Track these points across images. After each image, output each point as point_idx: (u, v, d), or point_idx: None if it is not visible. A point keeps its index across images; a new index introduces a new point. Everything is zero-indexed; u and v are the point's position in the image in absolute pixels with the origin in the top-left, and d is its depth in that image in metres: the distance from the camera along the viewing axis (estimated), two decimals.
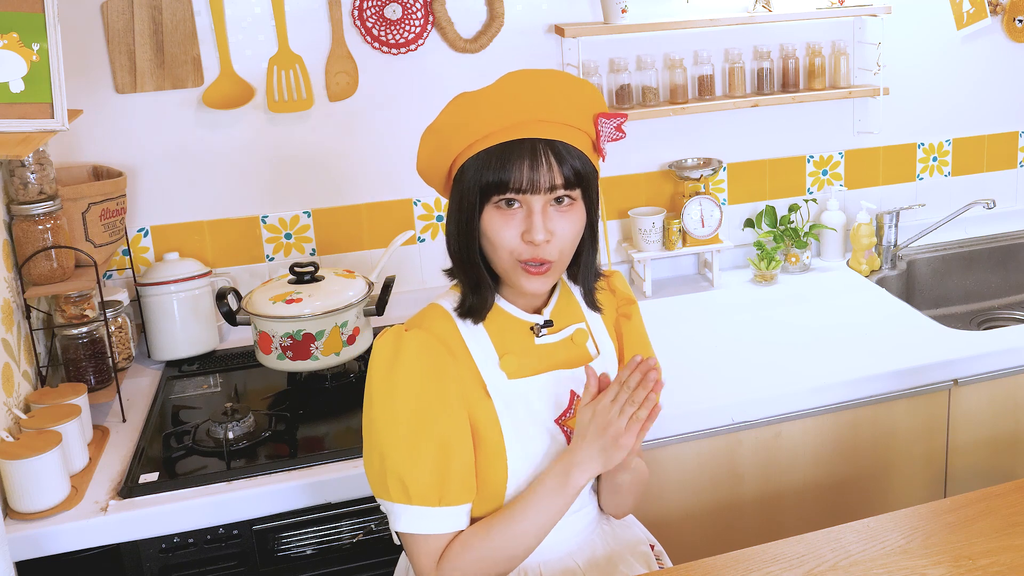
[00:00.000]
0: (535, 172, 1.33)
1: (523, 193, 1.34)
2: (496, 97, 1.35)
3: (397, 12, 2.33)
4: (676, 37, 2.52)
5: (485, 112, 1.35)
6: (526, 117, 1.34)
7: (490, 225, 1.36)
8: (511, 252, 1.36)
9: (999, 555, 1.40)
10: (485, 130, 1.35)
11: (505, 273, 1.40)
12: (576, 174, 1.36)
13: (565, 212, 1.37)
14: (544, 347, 1.47)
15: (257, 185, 2.35)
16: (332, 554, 1.79)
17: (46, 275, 1.89)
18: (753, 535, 1.98)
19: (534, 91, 1.36)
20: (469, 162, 1.36)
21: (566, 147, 1.35)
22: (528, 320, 1.46)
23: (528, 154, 1.33)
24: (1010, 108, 2.87)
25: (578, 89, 1.40)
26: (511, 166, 1.33)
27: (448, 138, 1.38)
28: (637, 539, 1.59)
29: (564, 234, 1.37)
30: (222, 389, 2.11)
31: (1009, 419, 2.17)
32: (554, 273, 1.40)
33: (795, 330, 2.28)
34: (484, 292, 1.41)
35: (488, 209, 1.36)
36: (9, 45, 1.62)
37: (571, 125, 1.38)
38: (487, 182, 1.34)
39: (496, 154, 1.34)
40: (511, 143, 1.34)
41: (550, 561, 1.48)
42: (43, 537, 1.62)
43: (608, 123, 1.42)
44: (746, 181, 2.68)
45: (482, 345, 1.43)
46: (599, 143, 1.42)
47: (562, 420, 1.44)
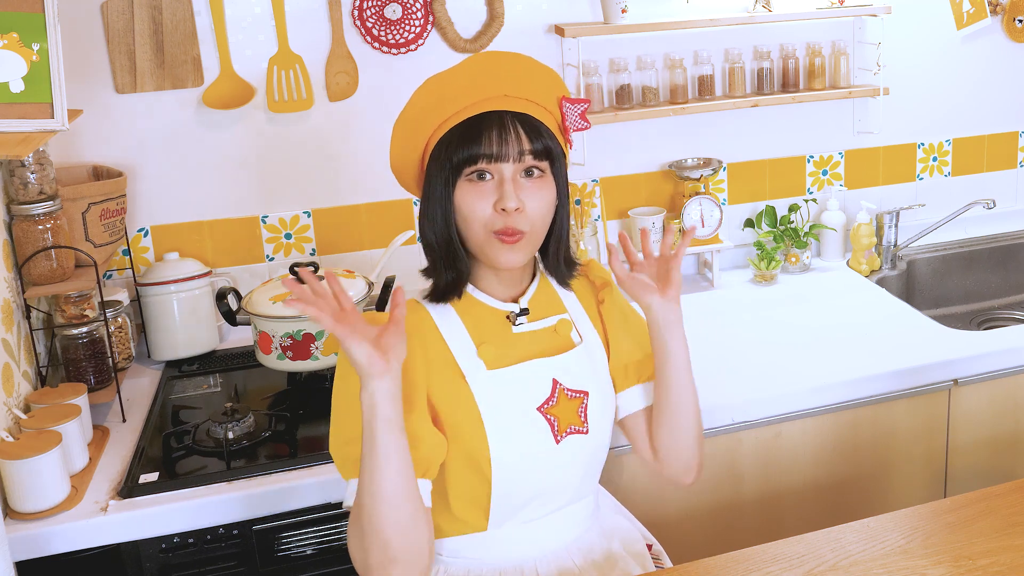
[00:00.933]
0: (504, 142, 1.36)
1: (493, 162, 1.37)
2: (462, 76, 1.40)
3: (397, 12, 2.33)
4: (676, 37, 2.52)
5: (452, 91, 1.39)
6: (492, 93, 1.39)
7: (463, 200, 1.38)
8: (484, 224, 1.38)
9: (999, 555, 1.40)
10: (453, 108, 1.39)
11: (480, 248, 1.41)
12: (544, 146, 1.39)
13: (535, 183, 1.40)
14: (523, 336, 1.47)
15: (257, 185, 2.35)
16: (332, 554, 1.79)
17: (46, 275, 1.89)
18: (753, 535, 1.98)
19: (500, 68, 1.41)
20: (440, 142, 1.39)
21: (534, 120, 1.40)
22: (504, 309, 1.47)
23: (496, 124, 1.37)
24: (1010, 108, 2.87)
25: (542, 71, 1.45)
26: (480, 137, 1.36)
27: (418, 123, 1.42)
28: (633, 538, 1.60)
29: (535, 206, 1.39)
30: (222, 389, 2.11)
31: (1009, 419, 2.17)
32: (527, 245, 1.41)
33: (795, 330, 2.28)
34: (459, 266, 1.43)
35: (461, 184, 1.38)
36: (9, 45, 1.63)
37: (537, 103, 1.42)
38: (459, 156, 1.37)
39: (465, 128, 1.38)
40: (479, 116, 1.37)
41: (546, 555, 1.48)
42: (43, 537, 1.62)
43: (573, 108, 1.46)
44: (746, 181, 2.68)
45: (459, 336, 1.43)
46: (564, 125, 1.46)
47: (544, 408, 1.44)
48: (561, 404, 1.45)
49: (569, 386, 1.46)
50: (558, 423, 1.44)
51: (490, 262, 1.41)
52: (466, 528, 1.45)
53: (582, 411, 1.47)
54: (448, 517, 1.45)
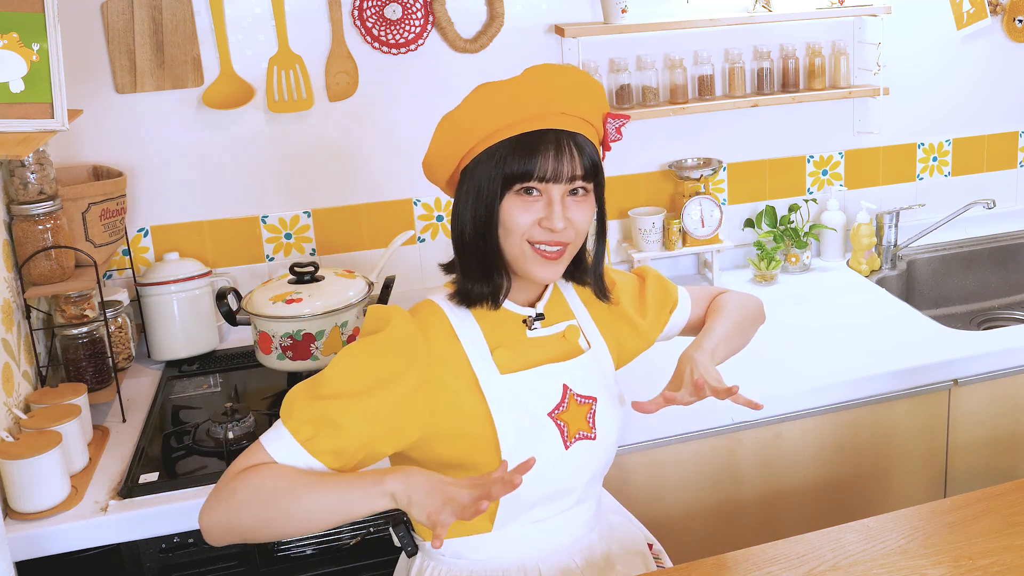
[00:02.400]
0: (559, 162, 1.36)
1: (546, 182, 1.37)
2: (520, 88, 1.39)
3: (397, 12, 2.33)
4: (676, 37, 2.52)
5: (508, 102, 1.38)
6: (548, 109, 1.38)
7: (508, 212, 1.38)
8: (524, 236, 1.38)
9: (999, 555, 1.40)
10: (507, 119, 1.37)
11: (516, 261, 1.41)
12: (593, 166, 1.41)
13: (580, 202, 1.41)
14: (536, 341, 1.47)
15: (257, 185, 2.35)
16: (332, 554, 1.79)
17: (46, 275, 1.89)
18: (753, 535, 1.98)
19: (556, 84, 1.40)
20: (489, 151, 1.38)
21: (585, 140, 1.40)
22: (521, 313, 1.47)
23: (553, 144, 1.37)
24: (1010, 108, 2.87)
25: (592, 86, 1.45)
26: (537, 155, 1.36)
27: (468, 126, 1.40)
28: (635, 538, 1.60)
29: (580, 222, 1.41)
30: (222, 389, 2.11)
31: (1009, 419, 2.17)
32: (565, 261, 1.42)
33: (795, 330, 2.28)
34: (497, 279, 1.42)
35: (508, 196, 1.38)
36: (9, 45, 1.62)
37: (586, 120, 1.42)
38: (512, 171, 1.36)
39: (522, 143, 1.37)
40: (536, 133, 1.37)
41: (548, 556, 1.48)
42: (43, 537, 1.62)
43: (613, 123, 1.47)
44: (746, 181, 2.68)
45: (474, 338, 1.43)
46: (606, 141, 1.47)
47: (555, 414, 1.44)
48: (571, 410, 1.45)
49: (579, 392, 1.46)
50: (568, 429, 1.44)
51: (527, 274, 1.42)
52: (470, 529, 1.45)
53: (591, 417, 1.47)
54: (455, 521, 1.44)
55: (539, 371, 1.45)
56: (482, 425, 1.40)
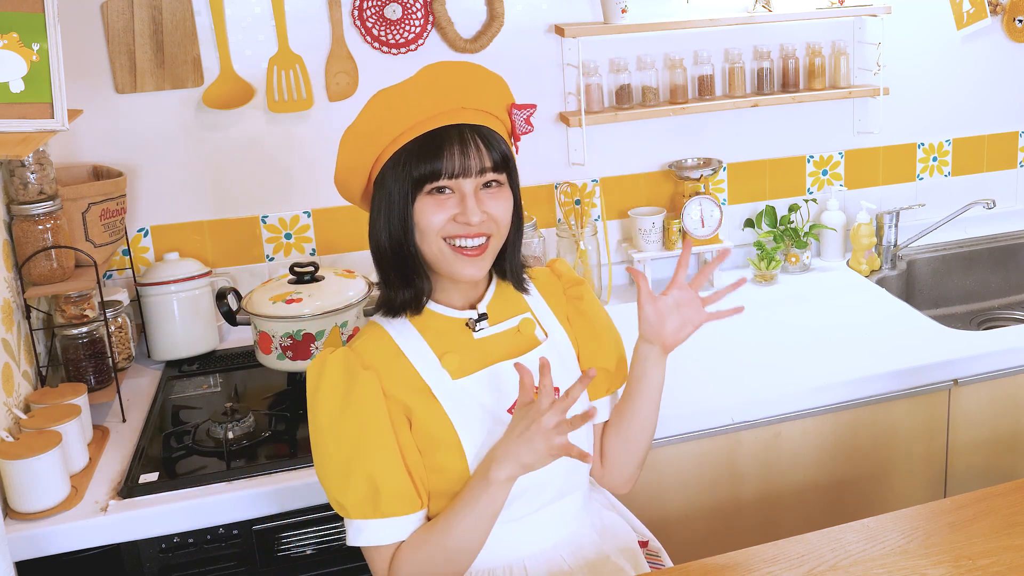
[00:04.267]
0: (465, 157, 1.37)
1: (455, 178, 1.37)
2: (417, 89, 1.39)
3: (397, 12, 2.33)
4: (676, 37, 2.52)
5: (408, 104, 1.38)
6: (449, 106, 1.38)
7: (422, 213, 1.38)
8: (439, 234, 1.38)
9: (999, 555, 1.40)
10: (409, 122, 1.38)
11: (436, 262, 1.41)
12: (503, 157, 1.40)
13: (495, 194, 1.41)
14: (485, 341, 1.47)
15: (257, 185, 2.35)
16: (332, 554, 1.79)
17: (46, 275, 1.89)
18: (753, 535, 1.98)
19: (453, 81, 1.40)
20: (396, 156, 1.38)
21: (491, 132, 1.40)
22: (461, 317, 1.47)
23: (457, 140, 1.37)
24: (1010, 108, 2.87)
25: (492, 80, 1.45)
26: (442, 153, 1.36)
27: (371, 135, 1.40)
28: (626, 536, 1.59)
29: (498, 214, 1.41)
30: (222, 389, 2.11)
31: (1009, 419, 2.17)
32: (488, 256, 1.42)
33: (795, 330, 2.28)
34: (418, 282, 1.43)
35: (420, 199, 1.38)
36: (9, 45, 1.62)
37: (491, 113, 1.42)
38: (419, 172, 1.36)
39: (425, 143, 1.37)
40: (439, 131, 1.37)
41: (536, 555, 1.48)
42: (43, 537, 1.62)
43: (520, 114, 1.47)
44: (746, 181, 2.68)
45: (420, 351, 1.43)
46: (515, 132, 1.47)
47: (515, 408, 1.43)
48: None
49: (538, 384, 1.45)
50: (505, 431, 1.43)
51: (450, 274, 1.42)
52: None
53: None
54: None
55: (492, 370, 1.45)
56: (443, 429, 1.40)
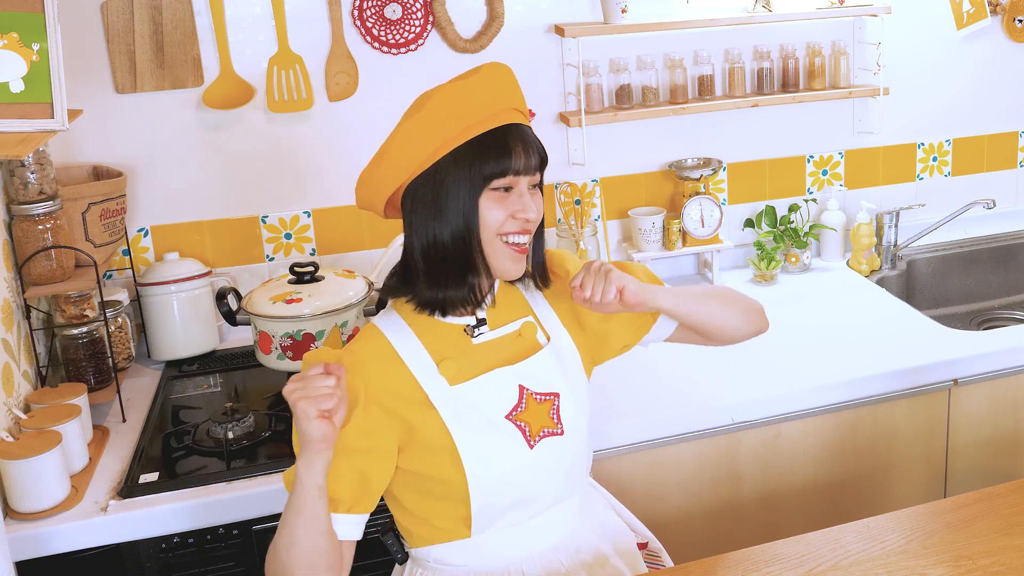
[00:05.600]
0: (528, 156, 1.39)
1: (519, 175, 1.39)
2: (476, 88, 1.40)
3: (397, 12, 2.33)
4: (676, 37, 2.52)
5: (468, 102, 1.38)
6: (504, 105, 1.40)
7: (486, 209, 1.39)
8: (496, 231, 1.39)
9: (999, 555, 1.40)
10: (471, 119, 1.38)
11: (491, 258, 1.41)
12: (544, 159, 1.44)
13: (535, 193, 1.44)
14: (484, 346, 1.46)
15: (257, 185, 2.35)
16: None
17: (46, 275, 1.89)
18: (753, 535, 1.98)
19: (504, 81, 1.42)
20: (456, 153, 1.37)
21: (533, 132, 1.44)
22: (460, 323, 1.46)
23: (520, 138, 1.39)
24: (1010, 108, 2.87)
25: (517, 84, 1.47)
26: (510, 151, 1.38)
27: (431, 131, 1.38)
28: (625, 537, 1.59)
29: (540, 212, 1.44)
30: (222, 389, 2.11)
31: (1009, 419, 2.17)
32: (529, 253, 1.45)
33: (795, 330, 2.28)
34: (472, 279, 1.41)
35: (485, 194, 1.39)
36: (9, 45, 1.62)
37: (526, 114, 1.46)
38: (490, 170, 1.37)
39: (491, 140, 1.38)
40: (503, 129, 1.39)
41: (533, 557, 1.47)
42: (43, 537, 1.62)
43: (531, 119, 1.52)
44: (746, 181, 2.68)
45: (418, 356, 1.42)
46: None
47: (513, 415, 1.43)
48: (531, 409, 1.44)
49: (537, 390, 1.45)
50: (530, 428, 1.43)
51: (498, 271, 1.43)
52: (450, 536, 1.44)
53: (554, 413, 1.46)
54: (430, 528, 1.44)
55: (490, 376, 1.44)
56: (441, 437, 1.39)
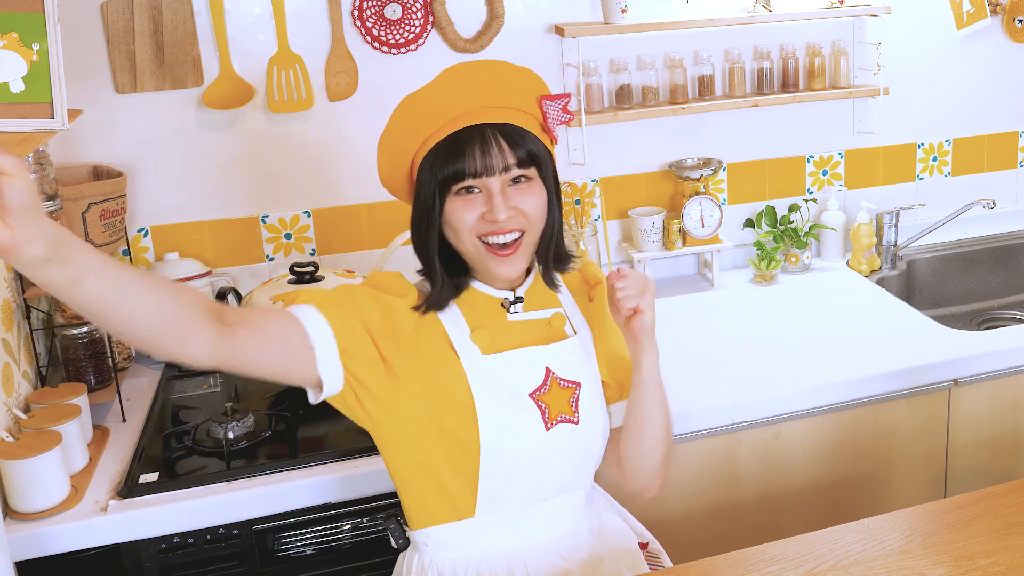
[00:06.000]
0: (487, 156, 1.38)
1: (479, 177, 1.38)
2: (440, 91, 1.41)
3: (397, 12, 2.33)
4: (676, 37, 2.52)
5: (432, 107, 1.40)
6: (471, 106, 1.39)
7: (452, 213, 1.40)
8: (472, 233, 1.40)
9: (999, 555, 1.40)
10: (434, 125, 1.39)
11: (474, 261, 1.44)
12: (529, 153, 1.40)
13: (524, 190, 1.41)
14: (517, 324, 1.48)
15: (257, 185, 2.35)
16: (332, 554, 1.79)
17: None
18: (753, 535, 1.98)
19: (475, 81, 1.41)
20: (425, 159, 1.40)
21: (515, 128, 1.40)
22: (499, 296, 1.48)
23: (478, 140, 1.38)
24: (1010, 108, 2.87)
25: (519, 75, 1.45)
26: (464, 154, 1.37)
27: (401, 141, 1.43)
28: (626, 537, 1.59)
29: (529, 208, 1.41)
30: (222, 389, 2.11)
31: (1009, 419, 2.17)
32: (523, 253, 1.43)
33: (795, 330, 2.28)
34: (458, 280, 1.45)
35: (450, 199, 1.40)
36: (9, 45, 1.62)
37: (517, 109, 1.43)
38: (444, 174, 1.38)
39: (448, 145, 1.38)
40: (461, 132, 1.38)
41: (532, 549, 1.48)
42: (43, 537, 1.62)
43: (553, 104, 1.46)
44: (746, 181, 2.68)
45: (455, 320, 1.45)
46: (547, 125, 1.47)
47: (536, 395, 1.45)
48: (553, 392, 1.46)
49: (562, 375, 1.47)
50: (549, 411, 1.45)
51: (488, 272, 1.44)
52: (454, 515, 1.45)
53: (574, 401, 1.48)
54: (438, 500, 1.45)
55: (520, 352, 1.46)
56: (462, 401, 1.41)
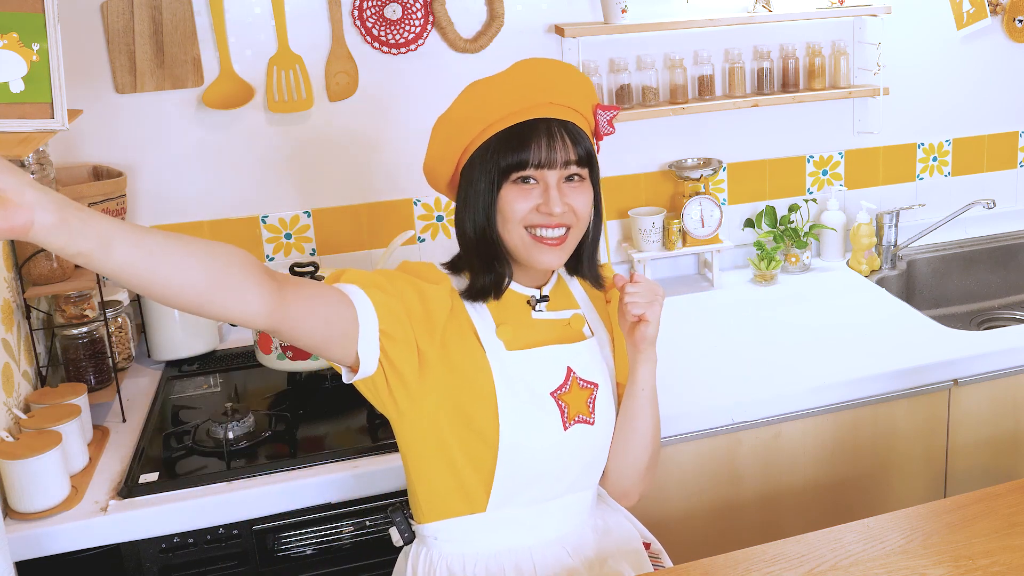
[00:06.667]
0: (552, 149, 1.41)
1: (540, 168, 1.41)
2: (509, 82, 1.44)
3: (397, 12, 2.33)
4: (676, 37, 2.52)
5: (499, 97, 1.43)
6: (538, 100, 1.43)
7: (507, 201, 1.42)
8: (521, 223, 1.42)
9: (999, 555, 1.40)
10: (499, 114, 1.42)
11: (517, 250, 1.45)
12: (587, 153, 1.45)
13: (576, 188, 1.45)
14: (541, 322, 1.51)
15: (257, 185, 2.35)
16: (332, 554, 1.79)
17: (46, 275, 1.89)
18: (753, 535, 1.98)
19: (545, 76, 1.45)
20: (484, 146, 1.43)
21: (576, 128, 1.44)
22: (525, 293, 1.51)
23: (544, 133, 1.41)
24: (1010, 108, 2.87)
25: (581, 79, 1.50)
26: (529, 144, 1.41)
27: (462, 125, 1.45)
28: (631, 536, 1.60)
29: (579, 206, 1.45)
30: (222, 389, 2.11)
31: (1009, 419, 2.17)
32: (568, 247, 1.46)
33: (795, 330, 2.28)
34: (499, 269, 1.46)
35: (505, 187, 1.43)
36: (9, 45, 1.62)
37: (577, 110, 1.46)
38: (507, 162, 1.41)
39: (514, 134, 1.41)
40: (527, 123, 1.41)
41: (540, 546, 1.49)
42: (43, 537, 1.62)
43: (604, 115, 1.51)
44: (746, 181, 2.68)
45: (481, 313, 1.47)
46: (598, 132, 1.52)
47: (557, 394, 1.47)
48: (573, 392, 1.48)
49: (582, 375, 1.49)
50: (568, 410, 1.47)
51: (531, 261, 1.45)
52: (465, 509, 1.46)
53: (591, 402, 1.49)
54: (453, 493, 1.45)
55: (544, 351, 1.48)
56: (485, 394, 1.42)
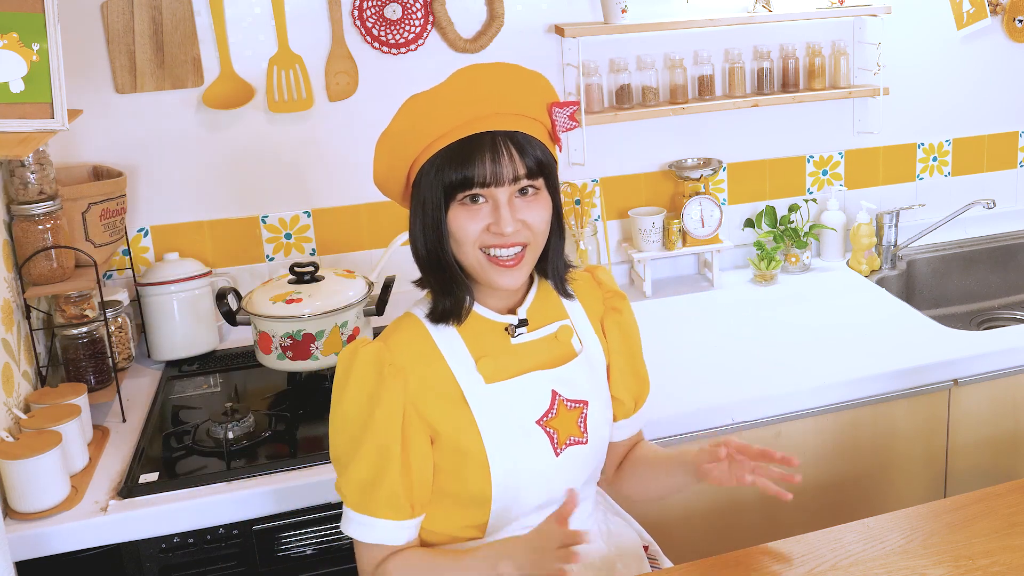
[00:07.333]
0: (497, 165, 1.32)
1: (487, 187, 1.33)
2: (450, 94, 1.35)
3: (397, 12, 2.33)
4: (676, 37, 2.52)
5: (440, 110, 1.34)
6: (482, 111, 1.34)
7: (455, 222, 1.35)
8: (475, 244, 1.35)
9: (999, 555, 1.40)
10: (442, 129, 1.34)
11: (475, 271, 1.38)
12: (538, 163, 1.36)
13: (531, 202, 1.37)
14: (522, 347, 1.44)
15: (257, 185, 2.35)
16: (332, 554, 1.79)
17: (46, 275, 1.89)
18: (753, 535, 1.98)
19: (487, 84, 1.36)
20: (429, 163, 1.35)
21: (526, 137, 1.35)
22: (502, 321, 1.44)
23: (489, 147, 1.32)
24: (1010, 108, 2.87)
25: (530, 80, 1.40)
26: (473, 161, 1.32)
27: (404, 141, 1.37)
28: (633, 540, 1.59)
29: (534, 221, 1.37)
30: (222, 389, 2.11)
31: (1009, 419, 2.17)
32: (526, 264, 1.38)
33: (795, 330, 2.28)
34: (458, 292, 1.40)
35: (453, 207, 1.35)
36: (9, 45, 1.62)
37: (527, 116, 1.37)
38: (450, 180, 1.33)
39: (456, 151, 1.33)
40: (470, 138, 1.33)
41: None
42: (43, 537, 1.62)
43: (562, 112, 1.41)
44: (746, 181, 2.68)
45: (457, 351, 1.41)
46: (555, 132, 1.42)
47: (544, 421, 1.42)
48: (561, 416, 1.43)
49: (569, 397, 1.44)
50: (558, 435, 1.43)
51: (488, 283, 1.39)
52: (461, 537, 1.45)
53: (582, 421, 1.45)
54: (442, 532, 1.44)
55: (526, 379, 1.42)
56: (470, 440, 1.38)
